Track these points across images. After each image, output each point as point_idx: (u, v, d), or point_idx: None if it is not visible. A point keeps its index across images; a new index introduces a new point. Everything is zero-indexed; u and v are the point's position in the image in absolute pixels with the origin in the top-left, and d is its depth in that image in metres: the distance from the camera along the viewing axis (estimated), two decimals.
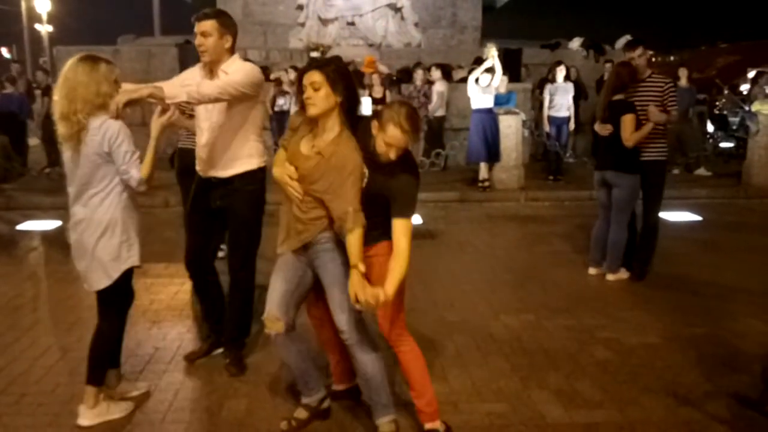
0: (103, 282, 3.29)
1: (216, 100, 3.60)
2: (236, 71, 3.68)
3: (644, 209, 5.80)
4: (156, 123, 3.34)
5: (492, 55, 9.58)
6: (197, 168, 3.96)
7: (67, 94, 3.09)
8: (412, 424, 3.33)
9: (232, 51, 3.76)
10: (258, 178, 3.90)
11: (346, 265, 2.93)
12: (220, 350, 4.14)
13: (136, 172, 3.19)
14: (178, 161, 6.14)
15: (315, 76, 2.87)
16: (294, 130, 3.08)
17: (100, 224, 3.23)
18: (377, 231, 3.02)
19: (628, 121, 5.44)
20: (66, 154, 3.22)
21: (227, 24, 3.70)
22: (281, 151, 3.13)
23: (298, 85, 2.94)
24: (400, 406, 3.38)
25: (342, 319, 3.02)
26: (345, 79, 2.92)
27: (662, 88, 5.61)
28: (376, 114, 2.99)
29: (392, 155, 2.90)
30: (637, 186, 5.62)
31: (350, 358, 3.14)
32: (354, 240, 2.85)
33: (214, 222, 3.98)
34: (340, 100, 2.90)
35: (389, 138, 2.86)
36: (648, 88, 5.63)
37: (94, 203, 3.22)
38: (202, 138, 3.84)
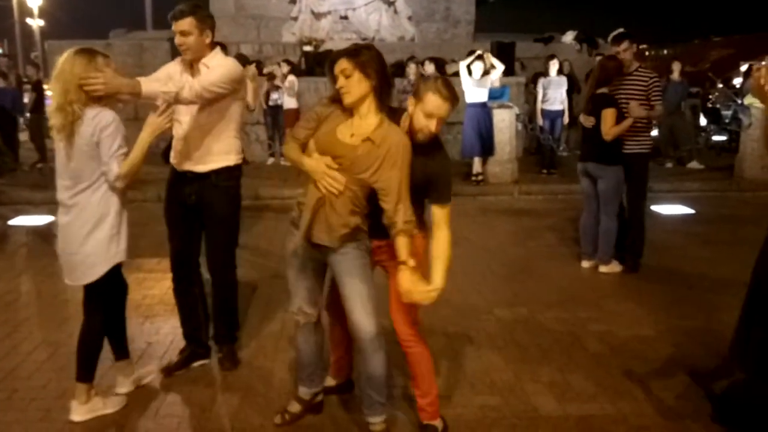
0: (88, 277, 3.27)
1: (191, 103, 3.57)
2: (215, 67, 3.62)
3: (628, 202, 5.81)
4: (150, 124, 3.31)
5: (487, 57, 9.64)
6: (172, 160, 3.88)
7: (63, 86, 3.08)
8: (412, 419, 3.33)
9: (212, 45, 3.71)
10: (234, 175, 3.84)
11: (365, 259, 2.94)
12: (199, 363, 4.00)
13: (116, 167, 3.15)
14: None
15: (344, 64, 2.81)
16: (320, 120, 2.95)
17: (90, 218, 3.20)
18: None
19: (608, 114, 5.48)
20: (58, 145, 3.20)
21: (205, 19, 3.62)
22: (293, 143, 3.00)
23: (331, 77, 2.86)
24: (398, 399, 3.38)
25: (364, 321, 2.92)
26: (377, 63, 2.84)
27: (647, 82, 5.62)
28: (411, 93, 2.97)
29: (433, 127, 2.86)
30: (620, 176, 5.64)
31: (360, 353, 3.05)
32: (402, 242, 2.82)
33: (192, 218, 3.85)
34: (374, 84, 2.82)
35: (430, 107, 2.82)
36: (634, 81, 5.65)
37: (84, 197, 3.19)
38: (180, 130, 3.76)
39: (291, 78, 11.43)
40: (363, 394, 3.15)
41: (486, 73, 9.65)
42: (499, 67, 9.92)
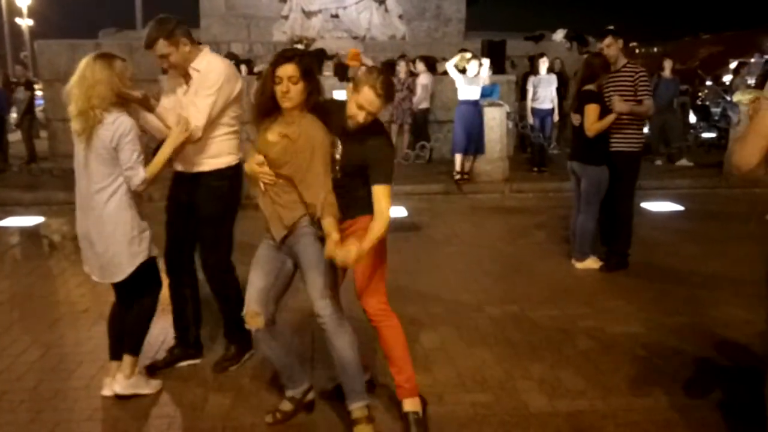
0: (117, 276, 3.40)
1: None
2: (206, 74, 3.63)
3: (615, 200, 5.79)
4: (171, 136, 3.49)
5: (466, 59, 9.65)
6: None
7: (85, 92, 3.19)
8: (388, 406, 3.35)
9: (195, 48, 3.69)
10: (226, 175, 3.81)
11: (319, 246, 2.99)
12: (186, 363, 4.00)
13: (142, 171, 3.30)
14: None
15: (291, 70, 2.88)
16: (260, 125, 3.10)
17: (108, 220, 3.31)
18: (358, 206, 3.06)
19: (590, 110, 5.50)
20: (78, 148, 3.32)
21: (174, 32, 3.56)
22: (251, 147, 3.16)
23: (271, 77, 2.92)
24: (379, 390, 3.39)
25: (320, 304, 3.02)
26: (314, 66, 3.03)
27: (633, 78, 5.63)
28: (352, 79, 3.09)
29: (360, 119, 2.94)
30: (602, 178, 5.63)
31: (327, 340, 3.10)
32: (327, 223, 2.90)
33: (186, 217, 3.87)
34: (310, 89, 2.95)
35: (362, 99, 2.91)
36: (621, 78, 5.67)
37: (102, 199, 3.31)
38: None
39: None
40: (340, 382, 3.20)
41: (478, 72, 9.67)
42: (485, 62, 9.94)
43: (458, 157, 9.81)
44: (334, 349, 3.10)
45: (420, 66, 11.73)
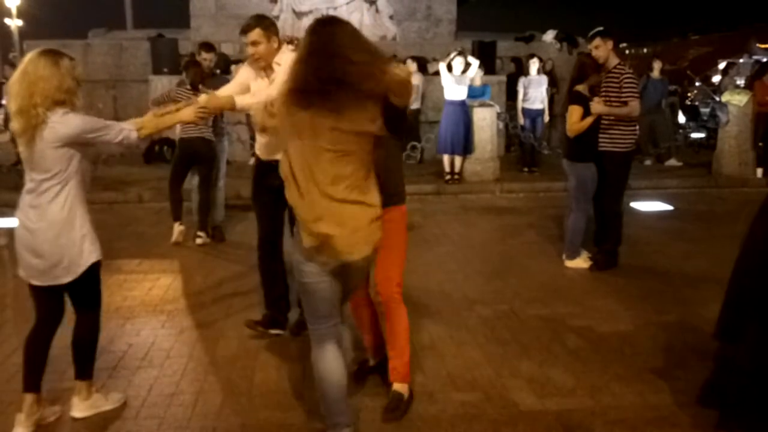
0: (67, 277, 3.19)
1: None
2: (286, 68, 3.81)
3: (603, 200, 5.84)
4: (186, 111, 3.52)
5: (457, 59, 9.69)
6: (258, 152, 4.26)
7: (27, 88, 2.99)
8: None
9: (280, 46, 4.06)
10: None
11: None
12: (276, 331, 4.36)
13: (132, 134, 3.23)
14: (179, 149, 6.65)
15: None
16: None
17: (58, 219, 3.12)
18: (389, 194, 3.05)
19: (572, 111, 5.63)
20: (21, 148, 3.11)
21: (270, 27, 4.03)
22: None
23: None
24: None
25: None
26: None
27: (618, 79, 5.66)
28: None
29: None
30: (587, 175, 5.70)
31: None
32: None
33: (278, 202, 3.82)
34: None
35: None
36: (610, 79, 5.72)
37: (47, 198, 3.11)
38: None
39: None
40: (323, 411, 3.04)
41: (464, 70, 9.70)
42: (474, 62, 9.98)
43: (446, 158, 9.84)
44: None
45: (411, 66, 11.73)
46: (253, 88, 4.09)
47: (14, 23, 35.22)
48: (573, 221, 5.87)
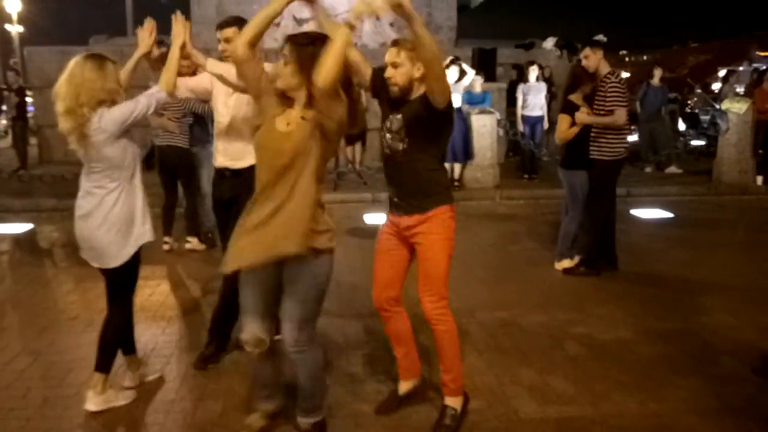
0: (118, 260, 3.39)
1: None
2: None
3: (587, 207, 5.86)
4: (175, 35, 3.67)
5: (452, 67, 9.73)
6: (214, 161, 4.11)
7: (74, 89, 3.19)
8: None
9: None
10: None
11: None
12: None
13: (160, 94, 3.43)
14: (157, 156, 6.52)
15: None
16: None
17: (110, 202, 3.33)
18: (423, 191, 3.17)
19: (561, 120, 5.84)
20: (73, 146, 3.31)
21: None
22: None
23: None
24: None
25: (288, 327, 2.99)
26: None
27: (604, 88, 5.69)
28: None
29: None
30: (575, 183, 5.85)
31: (295, 366, 3.08)
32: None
33: (229, 219, 3.88)
34: None
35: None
36: (599, 88, 5.75)
37: (104, 182, 3.33)
38: (221, 129, 4.02)
39: None
40: (300, 400, 3.20)
41: (459, 79, 9.74)
42: (470, 72, 10.03)
43: (446, 166, 9.84)
44: (308, 365, 3.09)
45: None
46: (221, 90, 4.00)
47: (15, 29, 35.29)
48: (564, 225, 6.05)
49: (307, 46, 2.81)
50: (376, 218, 7.96)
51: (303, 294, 2.91)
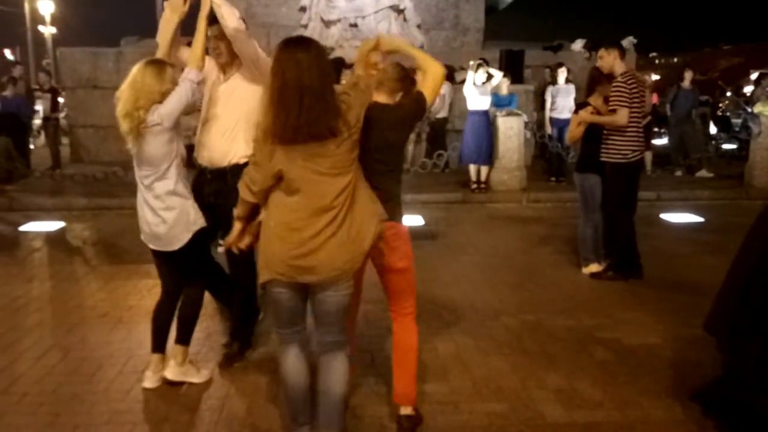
0: (180, 242, 3.57)
1: (241, 38, 3.79)
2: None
3: (605, 210, 5.88)
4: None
5: (474, 68, 9.72)
6: (196, 155, 4.07)
7: (134, 94, 3.40)
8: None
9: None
10: None
11: None
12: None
13: (193, 73, 3.57)
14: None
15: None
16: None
17: (169, 193, 3.53)
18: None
19: (573, 120, 5.97)
20: (129, 146, 3.50)
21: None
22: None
23: None
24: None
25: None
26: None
27: (612, 89, 5.64)
28: None
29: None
30: (585, 186, 5.90)
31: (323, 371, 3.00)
32: None
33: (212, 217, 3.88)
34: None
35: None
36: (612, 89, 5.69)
37: (159, 174, 3.51)
38: (208, 126, 3.99)
39: None
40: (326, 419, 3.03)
41: (486, 80, 9.73)
42: (497, 75, 10.02)
43: (471, 167, 9.85)
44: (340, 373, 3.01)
45: None
46: (209, 84, 3.98)
47: (48, 30, 35.96)
48: (580, 229, 6.07)
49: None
50: None
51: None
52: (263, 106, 2.69)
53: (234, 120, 3.89)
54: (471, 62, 10.05)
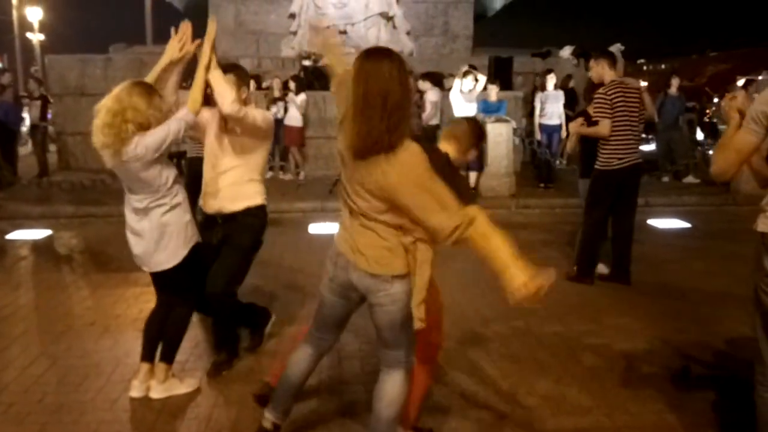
0: (171, 262, 3.55)
1: (235, 118, 3.71)
2: (255, 111, 3.86)
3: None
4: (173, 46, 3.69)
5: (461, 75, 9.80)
6: (201, 204, 4.06)
7: (120, 107, 3.28)
8: None
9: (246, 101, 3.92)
10: (260, 215, 4.00)
11: None
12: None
13: (189, 116, 3.48)
14: (188, 170, 6.38)
15: None
16: None
17: (163, 209, 3.48)
18: None
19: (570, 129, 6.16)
20: (106, 159, 3.40)
21: (243, 77, 3.95)
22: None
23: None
24: None
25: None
26: None
27: (594, 101, 5.73)
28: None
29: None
30: (581, 190, 6.06)
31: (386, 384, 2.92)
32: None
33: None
34: None
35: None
36: None
37: (154, 203, 3.47)
38: (211, 173, 3.98)
39: (302, 97, 11.53)
40: None
41: (473, 87, 9.81)
42: (482, 79, 10.12)
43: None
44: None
45: (425, 84, 11.78)
46: (211, 135, 3.95)
47: (36, 37, 35.81)
48: (579, 234, 6.12)
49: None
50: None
51: None
52: (346, 119, 2.61)
53: (247, 168, 3.94)
54: (463, 68, 10.11)
